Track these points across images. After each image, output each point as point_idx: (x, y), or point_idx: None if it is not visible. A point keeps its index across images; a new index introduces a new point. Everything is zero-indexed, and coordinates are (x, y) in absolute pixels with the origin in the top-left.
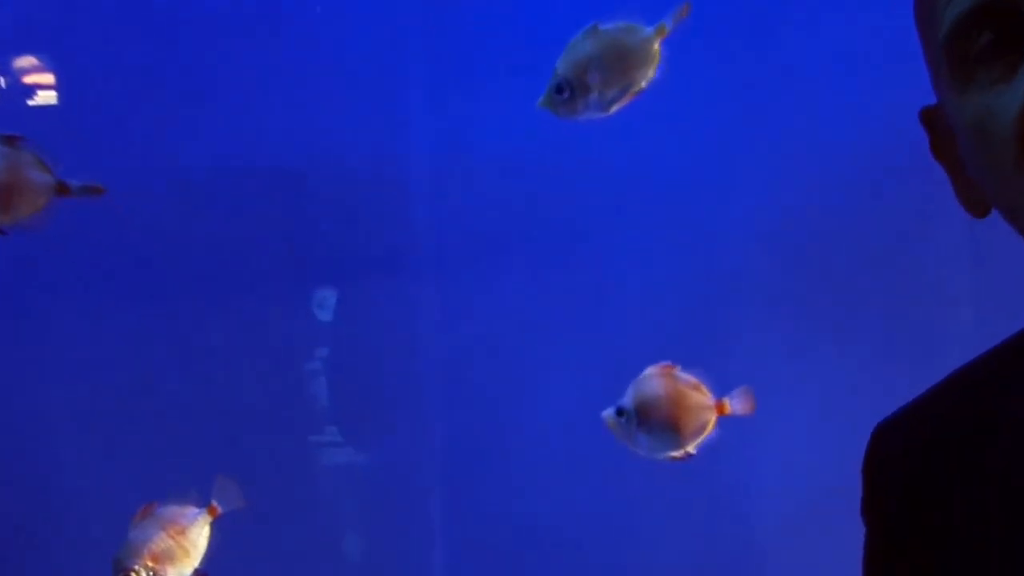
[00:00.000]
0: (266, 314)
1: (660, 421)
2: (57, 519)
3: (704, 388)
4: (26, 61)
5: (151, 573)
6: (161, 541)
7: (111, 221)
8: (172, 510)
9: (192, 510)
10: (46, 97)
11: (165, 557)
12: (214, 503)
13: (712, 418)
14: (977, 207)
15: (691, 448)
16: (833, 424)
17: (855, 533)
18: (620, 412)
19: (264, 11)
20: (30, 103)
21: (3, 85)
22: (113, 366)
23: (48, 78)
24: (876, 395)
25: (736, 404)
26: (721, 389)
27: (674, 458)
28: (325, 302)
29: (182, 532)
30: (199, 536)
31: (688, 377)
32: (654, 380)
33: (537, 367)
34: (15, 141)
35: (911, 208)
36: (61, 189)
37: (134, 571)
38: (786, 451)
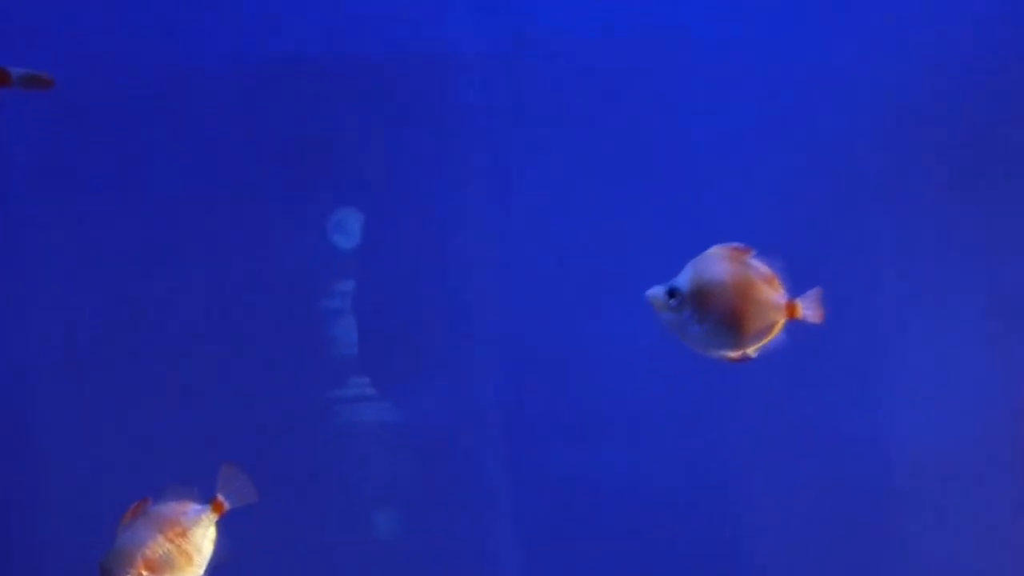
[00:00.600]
0: (275, 239)
1: (719, 312)
2: (34, 511)
3: (778, 283)
4: None
5: None
6: (157, 545)
7: (113, 129)
8: (170, 507)
9: (193, 507)
10: None
11: (163, 564)
12: (220, 497)
13: (781, 320)
14: None
15: (751, 351)
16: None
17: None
18: (672, 294)
19: None
20: None
21: None
22: (99, 298)
23: None
24: None
25: (808, 309)
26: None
27: (729, 359)
28: (345, 224)
29: (182, 534)
30: (203, 538)
31: (761, 266)
32: (718, 262)
33: (613, 284)
34: None
35: None
36: (3, 78)
37: None
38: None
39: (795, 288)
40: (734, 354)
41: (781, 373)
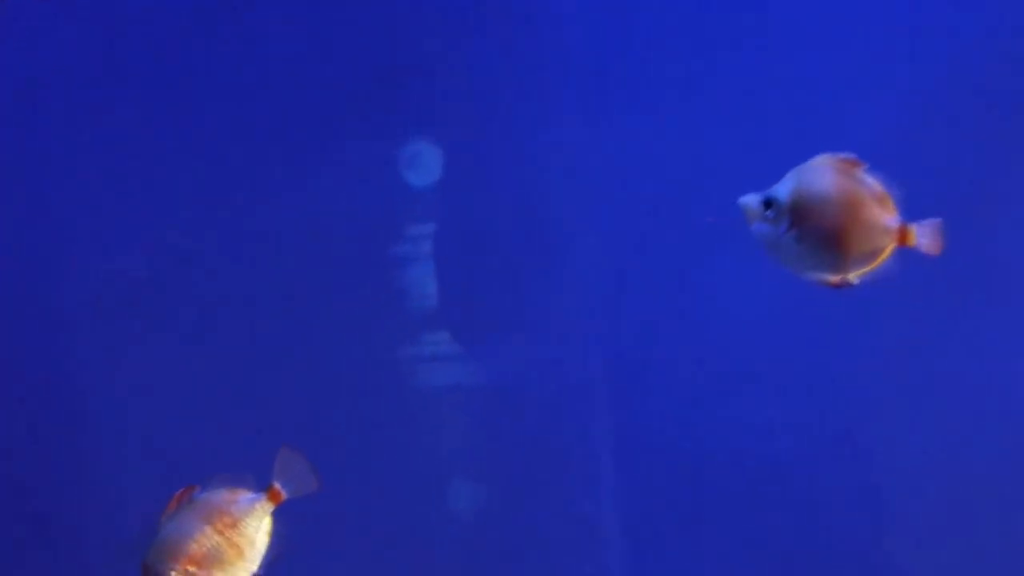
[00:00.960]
0: (341, 178)
1: (820, 229)
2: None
3: (891, 204)
4: None
5: None
6: (205, 538)
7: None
8: (219, 496)
9: (246, 495)
10: None
11: (211, 559)
12: (276, 485)
13: (890, 245)
14: None
15: (853, 276)
16: None
17: None
18: (769, 204)
19: None
20: None
21: None
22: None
23: None
24: None
25: (924, 237)
26: None
27: (828, 283)
28: (419, 159)
29: (233, 525)
30: (256, 530)
31: (874, 183)
32: (825, 173)
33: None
34: None
35: None
36: None
37: None
38: None
39: (911, 214)
40: (834, 278)
41: (911, 321)
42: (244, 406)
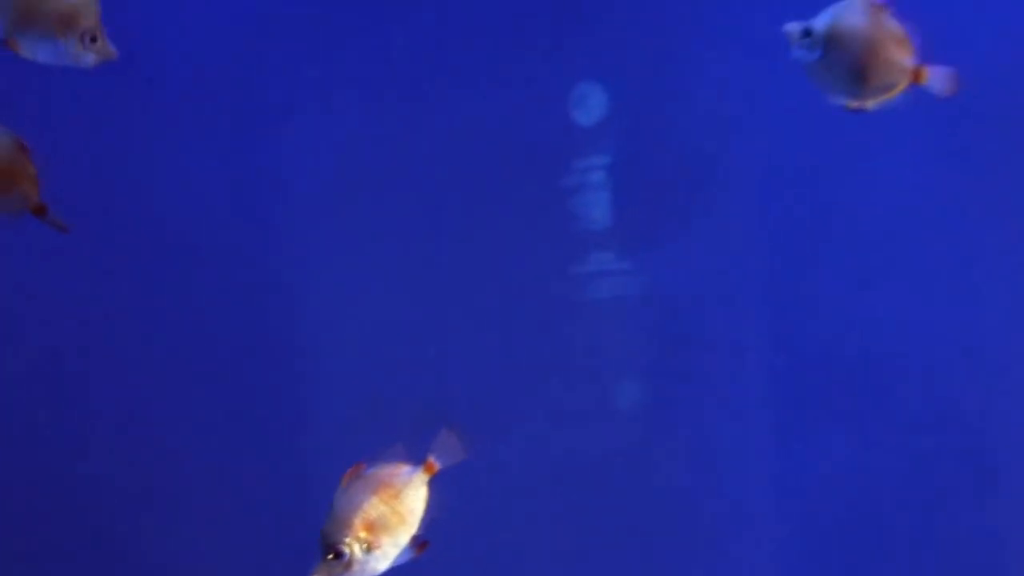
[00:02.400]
0: (511, 116)
1: (847, 60)
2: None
3: (910, 45)
4: None
5: (365, 546)
6: (372, 508)
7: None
8: (384, 470)
9: (406, 468)
10: None
11: (379, 526)
12: (431, 459)
13: (904, 81)
14: None
15: (869, 104)
16: None
17: None
18: (807, 33)
19: None
20: None
21: None
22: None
23: None
24: None
25: (936, 79)
26: None
27: (849, 107)
28: (588, 99)
29: (396, 496)
30: (416, 499)
31: (895, 25)
32: (857, 14)
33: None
34: None
35: None
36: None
37: (346, 545)
38: None
39: (932, 57)
40: (854, 103)
41: None
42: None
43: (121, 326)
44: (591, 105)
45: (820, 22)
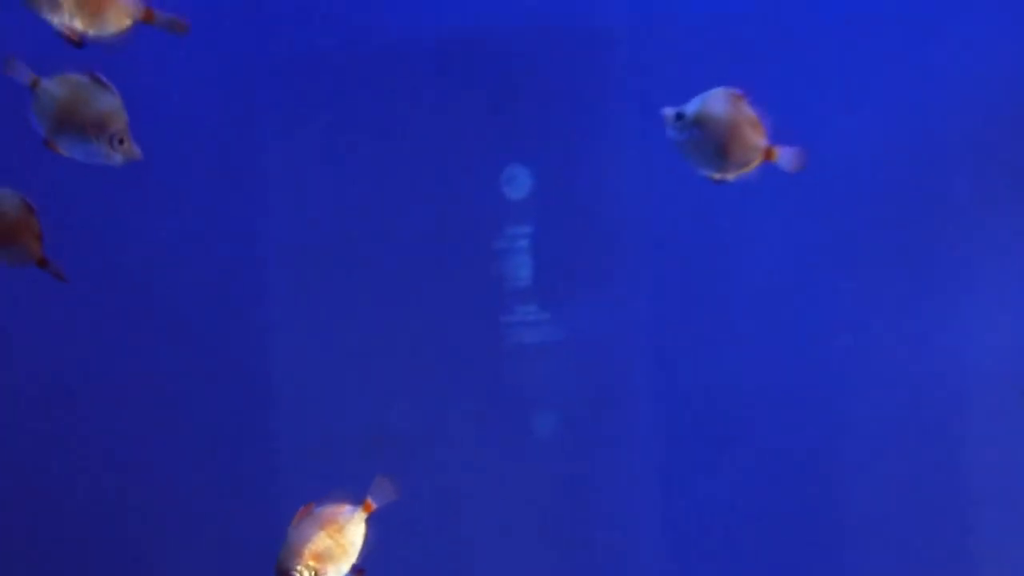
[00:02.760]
0: (453, 191)
1: (710, 140)
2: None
3: (762, 129)
4: None
5: (313, 573)
6: (320, 541)
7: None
8: (329, 509)
9: (348, 507)
10: None
11: (325, 557)
12: (369, 499)
13: (758, 158)
14: None
15: (730, 176)
16: None
17: None
18: (679, 116)
19: None
20: None
21: None
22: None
23: None
24: None
25: (785, 158)
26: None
27: (711, 178)
28: (516, 179)
29: (340, 530)
30: (356, 534)
31: (751, 112)
32: (721, 101)
33: (743, 234)
34: None
35: None
36: (147, 15)
37: (297, 571)
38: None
39: (784, 139)
40: (717, 176)
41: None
42: (394, 345)
43: (109, 359)
44: (519, 182)
45: (690, 107)
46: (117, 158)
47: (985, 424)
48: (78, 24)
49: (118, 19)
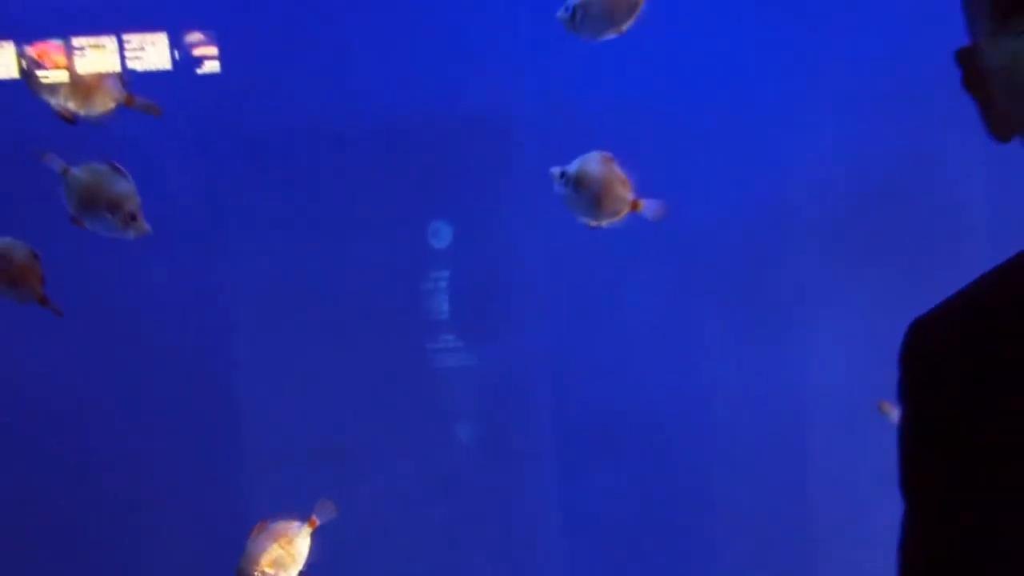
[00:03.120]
0: (386, 246)
1: (587, 194)
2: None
3: (629, 185)
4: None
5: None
6: (274, 550)
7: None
8: (281, 525)
9: (296, 524)
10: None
11: (278, 563)
12: (313, 517)
13: (626, 209)
14: (1003, 132)
15: (604, 223)
16: (872, 336)
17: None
18: (563, 175)
19: None
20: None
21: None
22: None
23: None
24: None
25: (649, 209)
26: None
27: (589, 225)
28: (441, 233)
29: (290, 542)
30: (303, 545)
31: (620, 172)
32: (595, 162)
33: (620, 279)
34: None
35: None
36: (128, 100)
37: (254, 575)
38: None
39: (648, 193)
40: (592, 223)
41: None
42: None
43: (97, 384)
44: (442, 235)
45: (571, 168)
46: (130, 233)
47: (822, 433)
48: (71, 105)
49: (104, 102)
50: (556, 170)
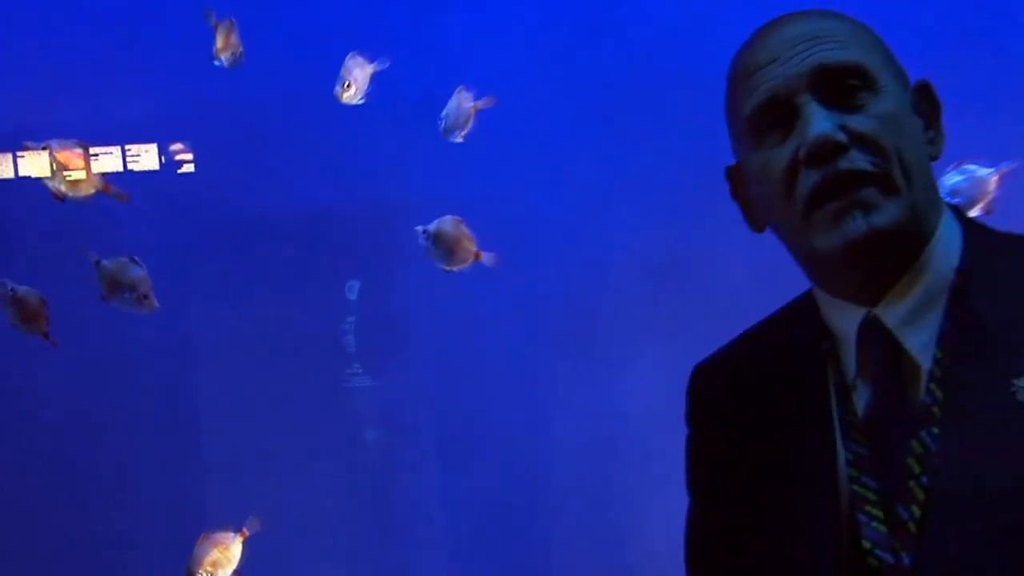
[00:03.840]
0: (313, 298)
1: (443, 247)
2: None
3: (473, 240)
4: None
5: (209, 573)
6: (214, 554)
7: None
8: (220, 535)
9: (232, 534)
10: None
11: (217, 564)
12: (245, 529)
13: (471, 258)
14: (759, 225)
15: (455, 269)
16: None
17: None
18: (424, 232)
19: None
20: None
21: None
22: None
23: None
24: (696, 357)
25: (487, 259)
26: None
27: (444, 269)
28: (353, 288)
29: (227, 548)
30: (237, 550)
31: (466, 230)
32: (448, 223)
33: (487, 328)
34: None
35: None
36: (105, 188)
37: (199, 573)
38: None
39: (489, 248)
40: (448, 268)
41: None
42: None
43: (85, 399)
44: (355, 289)
45: (431, 226)
46: (143, 310)
47: (636, 447)
48: (62, 188)
49: (87, 188)
50: (420, 228)
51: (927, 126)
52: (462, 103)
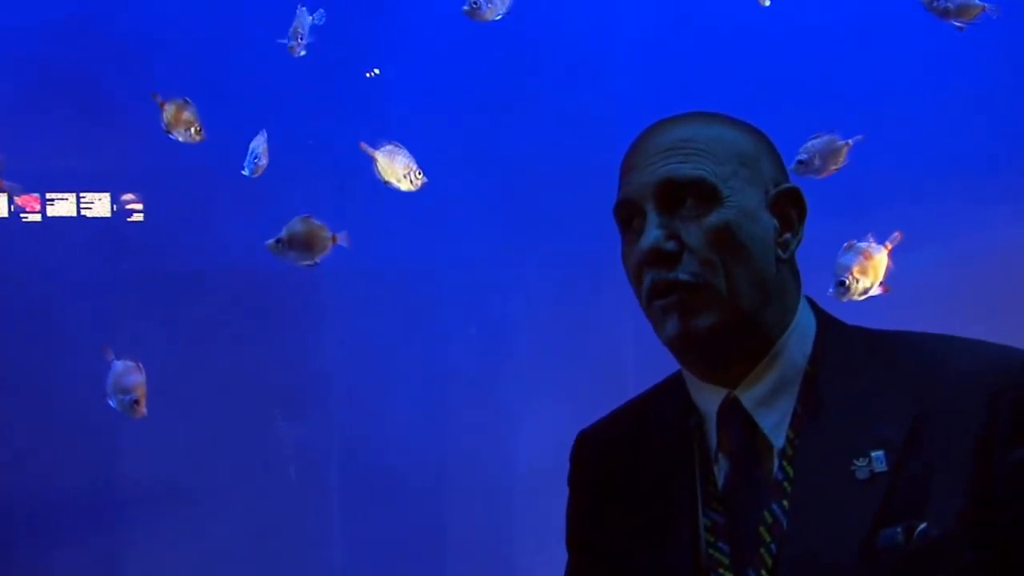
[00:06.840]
0: (240, 346)
1: (299, 246)
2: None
3: (325, 228)
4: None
5: None
6: None
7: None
8: None
9: None
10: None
11: None
12: None
13: (329, 244)
14: (638, 299)
15: (318, 260)
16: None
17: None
18: (278, 241)
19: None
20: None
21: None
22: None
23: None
24: (586, 419)
25: (342, 239)
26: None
27: (307, 265)
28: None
29: None
30: None
31: (316, 222)
32: (298, 224)
33: (395, 368)
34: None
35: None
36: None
37: None
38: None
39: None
40: (304, 264)
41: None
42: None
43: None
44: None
45: (281, 234)
46: (134, 414)
47: (530, 492)
48: None
49: None
50: (271, 241)
51: (784, 228)
52: None
